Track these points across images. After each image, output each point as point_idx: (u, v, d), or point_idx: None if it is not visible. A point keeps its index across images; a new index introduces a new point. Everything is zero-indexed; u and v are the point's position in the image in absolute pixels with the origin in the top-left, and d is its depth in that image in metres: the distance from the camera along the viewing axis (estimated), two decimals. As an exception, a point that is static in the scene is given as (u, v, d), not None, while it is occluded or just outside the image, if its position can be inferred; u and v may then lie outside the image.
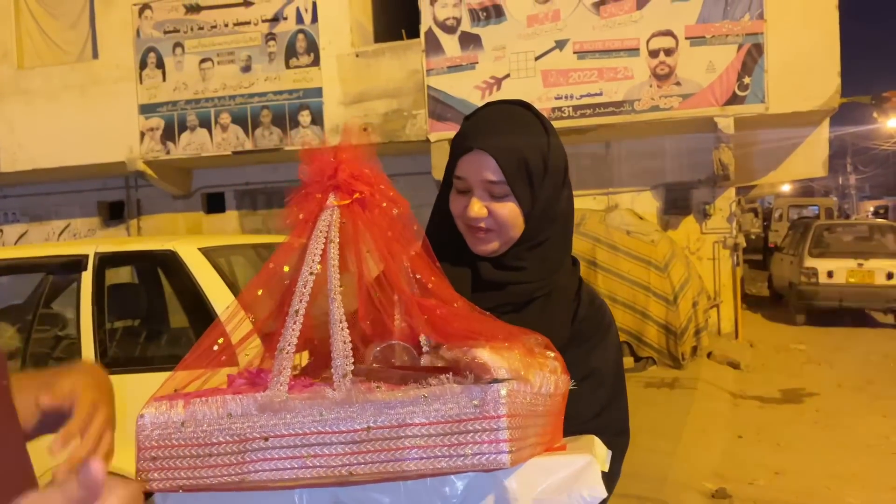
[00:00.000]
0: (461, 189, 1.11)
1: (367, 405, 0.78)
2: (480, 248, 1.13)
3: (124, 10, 9.51)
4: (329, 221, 0.88)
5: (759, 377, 7.44)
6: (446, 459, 0.75)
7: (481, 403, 0.75)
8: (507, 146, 1.09)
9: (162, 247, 2.87)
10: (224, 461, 0.81)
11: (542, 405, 0.85)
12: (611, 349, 1.18)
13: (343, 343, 0.82)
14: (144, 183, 10.19)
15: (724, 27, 7.91)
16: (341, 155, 0.91)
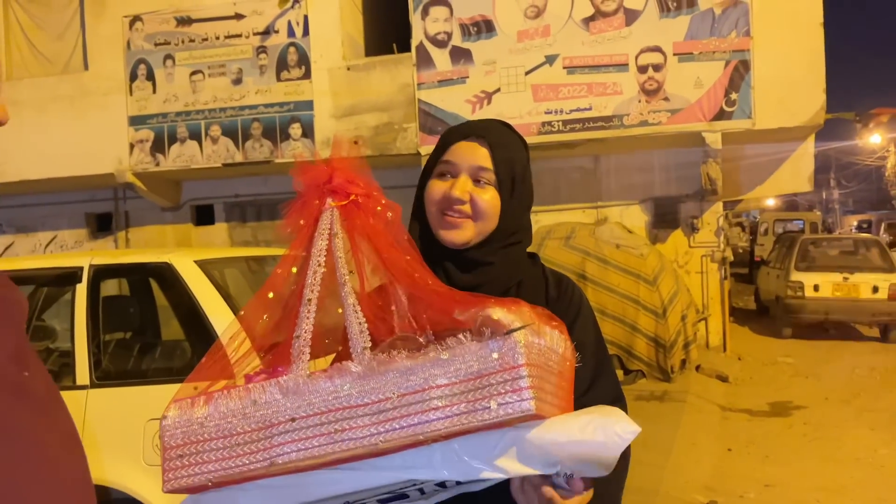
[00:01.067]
0: (444, 173, 1.17)
1: (388, 374, 0.81)
2: (451, 234, 1.16)
3: (115, 23, 9.51)
4: (330, 219, 0.93)
5: (747, 390, 7.48)
6: (473, 414, 0.77)
7: (501, 355, 0.79)
8: (501, 141, 1.18)
9: (157, 259, 2.87)
10: (251, 448, 0.82)
11: (555, 363, 0.88)
12: (588, 322, 1.23)
13: (358, 323, 0.85)
14: (133, 195, 10.15)
15: (712, 44, 8.03)
16: (334, 163, 0.96)
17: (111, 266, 2.99)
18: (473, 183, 1.16)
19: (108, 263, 2.96)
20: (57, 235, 10.84)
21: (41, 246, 10.88)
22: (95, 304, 2.82)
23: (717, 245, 9.12)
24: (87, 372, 2.71)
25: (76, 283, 2.82)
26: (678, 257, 9.20)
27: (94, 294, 2.83)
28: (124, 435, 2.52)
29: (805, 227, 18.46)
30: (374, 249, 0.94)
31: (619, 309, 7.71)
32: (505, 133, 1.22)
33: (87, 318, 2.77)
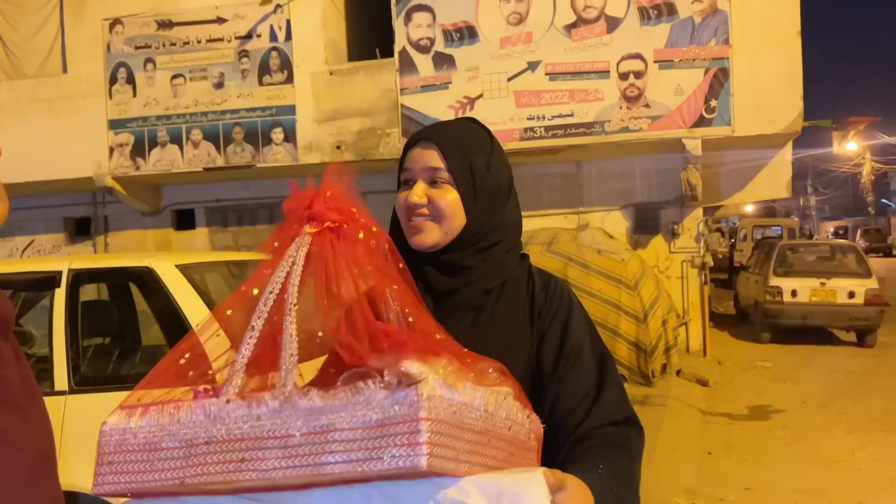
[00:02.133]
0: (405, 180, 1.18)
1: (299, 411, 0.81)
2: (418, 238, 1.16)
3: (94, 25, 9.42)
4: (298, 246, 0.94)
5: (727, 394, 7.56)
6: (368, 463, 0.77)
7: (402, 407, 0.78)
8: (450, 139, 1.18)
9: (138, 263, 2.84)
10: (169, 465, 0.84)
11: (478, 421, 0.86)
12: (581, 323, 1.20)
13: (290, 356, 0.86)
14: (112, 199, 10.05)
15: (692, 51, 8.12)
16: (318, 189, 0.97)
17: (91, 270, 2.95)
18: (430, 185, 1.16)
19: (88, 268, 2.93)
20: (34, 240, 10.69)
21: (18, 250, 10.73)
22: (74, 308, 2.79)
23: (697, 251, 9.20)
24: (65, 377, 2.68)
25: (55, 287, 2.78)
26: (659, 262, 9.27)
27: (72, 299, 2.80)
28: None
29: (783, 233, 18.69)
30: (351, 277, 0.94)
31: (600, 314, 7.74)
32: (458, 130, 1.21)
33: (66, 323, 2.73)
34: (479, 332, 1.16)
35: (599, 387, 1.15)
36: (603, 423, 1.12)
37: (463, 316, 1.17)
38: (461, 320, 1.16)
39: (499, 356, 1.13)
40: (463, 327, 1.15)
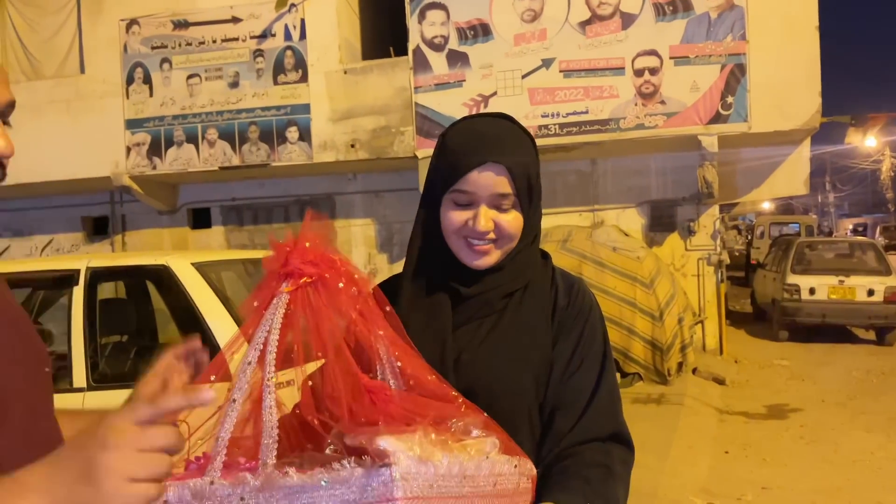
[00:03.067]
0: (462, 203, 1.11)
1: (280, 489, 0.83)
2: (478, 261, 1.12)
3: (111, 26, 9.50)
4: (275, 307, 0.92)
5: (744, 393, 7.50)
6: None
7: (377, 486, 0.79)
8: (519, 161, 1.11)
9: (155, 261, 2.87)
10: None
11: (457, 487, 0.87)
12: (593, 336, 1.17)
13: (271, 428, 0.87)
14: (130, 198, 10.14)
15: (708, 47, 8.05)
16: (293, 244, 0.95)
17: (108, 269, 2.98)
18: (495, 208, 1.11)
19: (105, 266, 2.95)
20: (53, 239, 10.81)
21: (37, 249, 10.85)
22: (92, 306, 2.82)
23: (714, 248, 9.13)
24: (83, 374, 2.70)
25: (73, 285, 2.81)
26: (675, 260, 9.21)
27: (90, 297, 2.83)
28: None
29: (801, 231, 18.51)
30: (332, 330, 0.93)
31: (615, 312, 7.71)
32: (518, 142, 1.14)
33: (84, 321, 2.76)
34: (498, 338, 1.14)
35: (589, 401, 1.12)
36: (584, 439, 1.10)
37: (483, 319, 1.15)
38: (482, 323, 1.14)
39: (513, 362, 1.13)
40: (481, 333, 1.14)
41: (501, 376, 1.11)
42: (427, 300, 1.14)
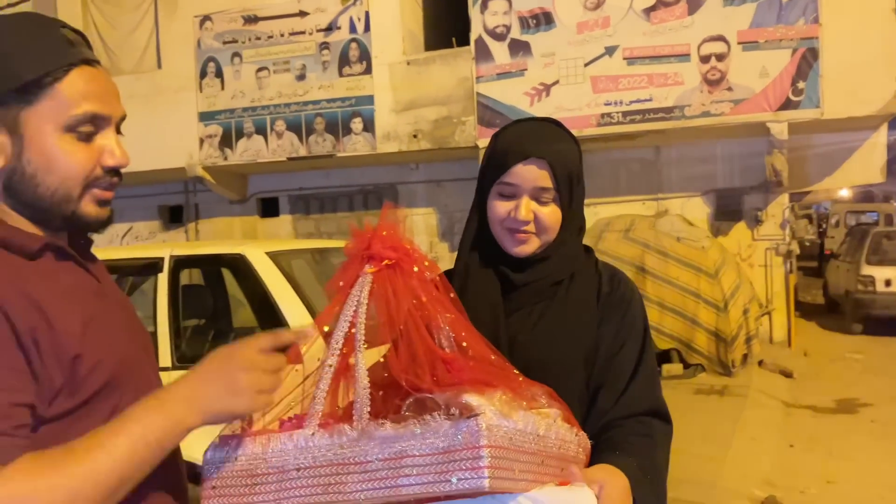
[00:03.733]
0: (506, 194, 1.22)
1: (375, 440, 0.93)
2: (518, 249, 1.23)
3: (186, 23, 9.89)
4: (361, 287, 1.03)
5: (812, 386, 7.32)
6: (437, 485, 0.88)
7: (464, 436, 0.88)
8: (561, 155, 1.21)
9: (232, 251, 3.05)
10: (265, 489, 0.97)
11: (532, 443, 0.96)
12: (634, 321, 1.26)
13: (363, 389, 0.97)
14: (203, 188, 10.56)
15: (778, 31, 7.84)
16: (375, 231, 1.06)
17: (189, 257, 3.19)
18: (535, 200, 1.21)
19: (186, 254, 3.16)
20: (132, 227, 11.37)
21: (118, 237, 11.43)
22: (175, 292, 3.03)
23: (783, 238, 8.91)
24: (168, 354, 2.91)
25: (158, 272, 3.02)
26: (741, 250, 9.03)
27: (174, 282, 3.03)
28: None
29: (879, 220, 17.73)
30: (403, 311, 1.03)
31: (678, 302, 7.63)
32: (560, 142, 1.24)
33: (169, 305, 2.97)
34: (550, 321, 1.24)
35: (630, 379, 1.22)
36: (625, 414, 1.19)
37: (532, 307, 1.25)
38: (531, 311, 1.25)
39: (563, 344, 1.23)
40: (534, 317, 1.24)
41: (554, 356, 1.21)
42: (480, 288, 1.24)
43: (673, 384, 7.28)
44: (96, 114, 1.00)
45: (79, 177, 0.99)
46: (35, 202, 0.99)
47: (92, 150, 1.01)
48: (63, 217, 1.01)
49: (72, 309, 0.97)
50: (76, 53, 0.99)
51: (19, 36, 0.97)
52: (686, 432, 5.51)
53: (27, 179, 0.98)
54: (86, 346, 0.96)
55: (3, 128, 0.96)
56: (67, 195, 1.00)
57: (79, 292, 1.01)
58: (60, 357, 0.94)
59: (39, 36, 0.98)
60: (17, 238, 0.98)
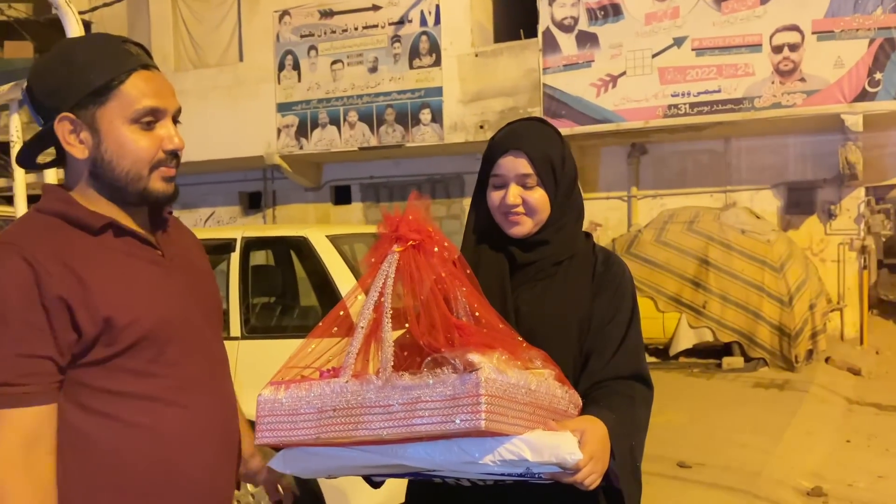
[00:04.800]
0: (497, 185, 1.44)
1: (396, 388, 1.15)
2: (514, 230, 1.44)
3: (266, 17, 10.38)
4: (389, 263, 1.25)
5: (880, 384, 7.16)
6: (445, 424, 1.10)
7: (467, 385, 1.10)
8: (536, 146, 1.42)
9: (296, 233, 3.36)
10: (307, 425, 1.21)
11: (523, 396, 1.16)
12: (623, 296, 1.46)
13: (388, 346, 1.20)
14: (280, 175, 11.08)
15: (855, 21, 7.62)
16: (403, 215, 1.27)
17: (258, 239, 3.52)
18: (522, 187, 1.41)
19: (256, 236, 3.49)
20: (215, 211, 12.03)
21: (202, 220, 12.11)
22: (245, 270, 3.36)
23: (857, 233, 8.67)
24: (238, 326, 3.24)
25: (230, 252, 3.36)
26: (812, 245, 8.84)
27: (244, 262, 3.36)
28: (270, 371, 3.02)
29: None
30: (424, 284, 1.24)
31: (742, 295, 7.59)
32: (539, 135, 1.45)
33: (239, 282, 3.30)
34: (550, 296, 1.44)
35: (618, 346, 1.41)
36: (612, 376, 1.39)
37: (536, 283, 1.45)
38: (534, 287, 1.45)
39: (561, 314, 1.44)
40: (537, 291, 1.44)
41: (554, 325, 1.42)
42: (491, 266, 1.46)
43: (732, 377, 7.26)
44: (154, 107, 1.22)
45: (145, 159, 1.22)
46: (113, 183, 1.22)
47: (154, 138, 1.22)
48: (137, 193, 1.23)
49: (113, 276, 1.18)
50: (135, 61, 1.21)
51: (89, 52, 1.20)
52: (737, 422, 5.56)
53: (105, 165, 1.20)
54: (121, 306, 1.17)
55: (85, 126, 1.19)
56: (138, 175, 1.22)
57: (130, 261, 1.23)
58: (94, 315, 1.14)
59: (105, 50, 1.21)
60: (83, 217, 1.20)
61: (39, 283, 1.10)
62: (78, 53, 1.21)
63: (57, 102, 1.18)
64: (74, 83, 1.18)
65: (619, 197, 9.47)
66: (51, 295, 1.11)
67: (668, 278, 7.88)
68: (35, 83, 1.21)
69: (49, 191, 1.24)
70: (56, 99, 1.19)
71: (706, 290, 7.72)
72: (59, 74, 1.19)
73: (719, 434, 5.24)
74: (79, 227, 1.19)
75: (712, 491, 4.15)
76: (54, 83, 1.19)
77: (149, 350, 1.20)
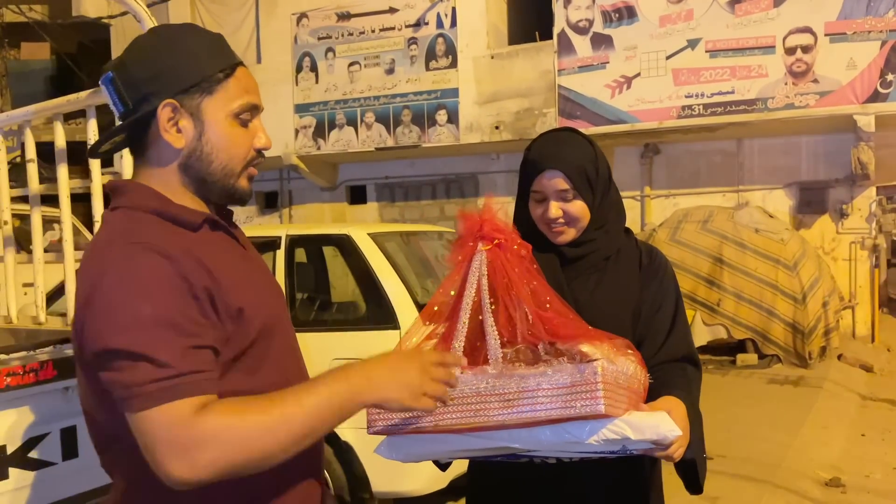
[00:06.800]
0: (539, 199, 1.55)
1: (513, 377, 1.25)
2: (559, 238, 1.57)
3: (284, 20, 10.55)
4: (480, 261, 1.36)
5: (892, 381, 7.28)
6: (565, 409, 1.22)
7: (585, 374, 1.21)
8: (570, 163, 1.53)
9: (339, 231, 3.51)
10: (426, 415, 1.27)
11: (624, 380, 1.28)
12: (669, 285, 1.61)
13: (495, 340, 1.31)
14: (296, 175, 11.23)
15: (868, 23, 7.74)
16: (484, 215, 1.38)
17: (301, 236, 3.67)
18: (560, 200, 1.52)
19: (300, 234, 3.64)
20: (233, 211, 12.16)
21: (218, 220, 12.25)
22: (291, 266, 3.51)
23: (869, 232, 8.78)
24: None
25: (276, 249, 3.51)
26: (824, 243, 8.96)
27: (289, 258, 3.52)
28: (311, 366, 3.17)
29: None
30: (510, 279, 1.35)
31: (756, 293, 7.71)
32: (570, 148, 1.54)
33: (285, 277, 3.45)
34: (604, 288, 1.58)
35: (669, 332, 1.55)
36: (668, 358, 1.53)
37: (589, 276, 1.59)
38: (588, 279, 1.58)
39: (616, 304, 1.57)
40: (590, 285, 1.58)
41: (611, 314, 1.54)
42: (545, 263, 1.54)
43: (747, 374, 7.39)
44: (254, 104, 1.21)
45: (241, 156, 1.20)
46: (206, 176, 1.18)
47: (249, 134, 1.21)
48: (224, 190, 1.21)
49: (230, 270, 1.15)
50: (235, 56, 1.20)
51: (197, 42, 1.17)
52: (754, 417, 5.69)
53: (204, 157, 1.17)
54: (245, 300, 1.14)
55: (188, 114, 1.15)
56: (232, 171, 1.19)
57: (231, 256, 1.21)
58: (229, 310, 1.11)
59: (211, 41, 1.19)
60: (184, 214, 1.16)
61: (184, 275, 1.06)
62: (186, 41, 1.17)
63: (158, 87, 1.13)
64: (183, 69, 1.14)
65: (633, 197, 9.61)
66: (199, 286, 1.07)
67: (682, 276, 8.01)
68: (135, 66, 1.15)
69: (135, 188, 1.18)
70: (158, 84, 1.13)
71: (720, 288, 7.85)
72: (164, 59, 1.14)
73: (737, 428, 5.37)
74: (176, 224, 1.15)
75: (734, 481, 4.29)
76: (158, 68, 1.14)
77: (261, 345, 1.17)
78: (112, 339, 1.02)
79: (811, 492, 4.30)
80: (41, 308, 2.45)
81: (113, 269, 1.06)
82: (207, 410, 1.01)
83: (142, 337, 1.01)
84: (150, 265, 1.06)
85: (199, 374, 1.03)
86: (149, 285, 1.04)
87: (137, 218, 1.14)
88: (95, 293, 1.06)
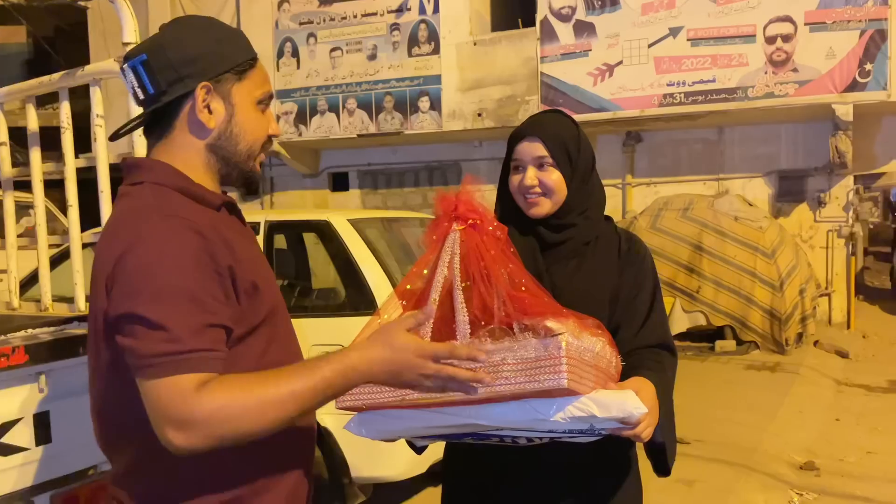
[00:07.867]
0: (518, 169, 1.57)
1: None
2: (533, 210, 1.57)
3: (265, 4, 10.43)
4: (453, 240, 1.35)
5: (867, 367, 7.39)
6: (529, 384, 1.22)
7: (549, 349, 1.21)
8: (550, 132, 1.56)
9: (318, 217, 3.49)
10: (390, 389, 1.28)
11: (591, 358, 1.29)
12: (647, 272, 1.62)
13: (464, 317, 1.31)
14: (278, 162, 11.16)
15: (847, 13, 7.81)
16: (459, 196, 1.38)
17: (280, 222, 3.64)
18: (538, 169, 1.54)
19: (278, 220, 3.62)
20: (214, 198, 12.07)
21: (199, 207, 12.16)
22: (269, 253, 3.48)
23: (846, 220, 8.89)
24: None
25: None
26: (802, 231, 9.07)
27: (268, 245, 3.49)
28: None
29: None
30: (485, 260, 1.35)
31: (734, 281, 7.79)
32: (554, 122, 1.59)
33: (264, 263, 3.43)
34: (582, 273, 1.59)
35: (645, 318, 1.57)
36: (643, 344, 1.54)
37: (568, 262, 1.59)
38: (567, 265, 1.59)
39: (594, 289, 1.58)
40: (569, 270, 1.59)
41: (588, 298, 1.55)
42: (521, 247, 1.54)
43: (725, 360, 7.48)
44: (271, 93, 1.32)
45: (260, 140, 1.29)
46: (232, 157, 1.26)
47: (266, 120, 1.30)
48: (243, 172, 1.29)
49: (245, 249, 1.23)
50: (254, 49, 1.29)
51: (226, 31, 1.26)
52: (731, 402, 5.77)
53: (232, 139, 1.25)
54: (259, 277, 1.22)
55: (220, 97, 1.23)
56: (253, 153, 1.29)
57: (243, 238, 1.28)
58: (246, 285, 1.17)
59: (237, 33, 1.28)
60: (206, 195, 1.23)
61: (212, 253, 1.13)
62: (218, 30, 1.25)
63: (193, 70, 1.20)
64: (219, 55, 1.21)
65: (615, 184, 9.65)
66: (223, 265, 1.14)
67: (662, 264, 8.07)
68: (173, 49, 1.20)
69: (158, 166, 1.23)
70: (194, 67, 1.20)
71: (700, 276, 7.92)
72: (201, 44, 1.21)
73: (715, 413, 5.44)
74: (199, 202, 1.22)
75: (711, 465, 4.35)
76: (196, 52, 1.20)
77: (270, 324, 1.24)
78: (138, 304, 1.08)
79: (786, 475, 4.37)
80: (14, 293, 2.42)
81: (151, 238, 1.12)
82: (208, 387, 1.07)
83: (164, 308, 1.07)
84: (185, 239, 1.12)
85: (208, 352, 1.09)
86: (181, 259, 1.10)
87: (165, 193, 1.19)
88: (130, 257, 1.11)
